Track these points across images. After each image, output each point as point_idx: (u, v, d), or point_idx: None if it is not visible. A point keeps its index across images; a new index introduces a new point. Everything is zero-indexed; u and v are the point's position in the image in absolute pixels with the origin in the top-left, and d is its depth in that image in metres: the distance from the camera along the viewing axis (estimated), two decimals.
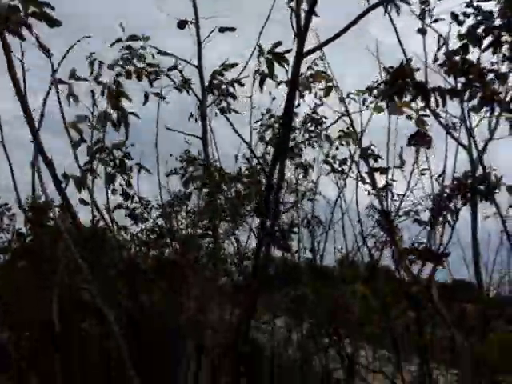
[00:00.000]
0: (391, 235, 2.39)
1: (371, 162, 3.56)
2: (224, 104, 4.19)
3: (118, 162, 3.35)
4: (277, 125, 4.83)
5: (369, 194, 4.34)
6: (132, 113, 2.74)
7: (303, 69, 4.69)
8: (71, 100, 2.59)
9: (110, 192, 3.63)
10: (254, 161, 4.56)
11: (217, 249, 3.23)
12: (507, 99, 2.94)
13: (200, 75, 3.94)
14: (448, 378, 4.20)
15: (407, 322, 3.43)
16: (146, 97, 3.13)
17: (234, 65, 4.08)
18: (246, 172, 4.66)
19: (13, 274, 6.99)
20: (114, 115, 2.69)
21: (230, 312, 4.76)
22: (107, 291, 3.00)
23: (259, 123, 5.08)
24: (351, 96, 4.16)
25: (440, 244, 3.23)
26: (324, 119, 4.78)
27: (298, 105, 4.68)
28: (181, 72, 3.74)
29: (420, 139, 2.76)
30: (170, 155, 5.50)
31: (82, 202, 2.88)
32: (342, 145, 4.20)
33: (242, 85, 4.09)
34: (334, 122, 4.09)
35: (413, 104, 2.93)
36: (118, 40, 3.36)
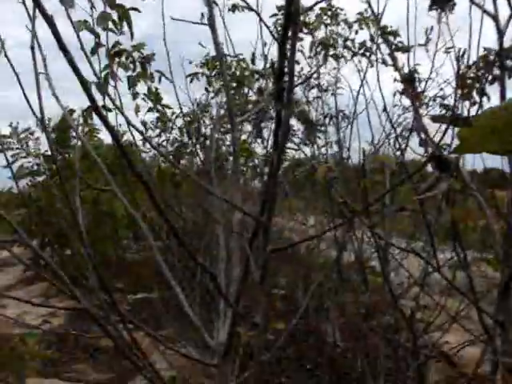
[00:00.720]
0: (415, 102, 2.27)
1: (391, 40, 3.38)
2: None
3: (138, 65, 3.20)
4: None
5: (395, 80, 4.18)
6: (132, 8, 2.59)
7: None
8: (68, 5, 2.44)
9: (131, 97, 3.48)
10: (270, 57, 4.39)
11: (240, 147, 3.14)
12: None
13: None
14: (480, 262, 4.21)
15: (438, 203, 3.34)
16: None
17: None
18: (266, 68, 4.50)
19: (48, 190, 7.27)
20: (115, 15, 2.55)
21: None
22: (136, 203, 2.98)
23: (274, 19, 4.88)
24: None
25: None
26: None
27: None
28: None
29: (441, 2, 2.58)
30: (190, 62, 5.38)
31: (104, 108, 2.78)
32: (362, 28, 4.00)
33: None
34: None
35: None
36: None
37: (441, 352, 1.69)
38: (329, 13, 4.44)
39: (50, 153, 8.72)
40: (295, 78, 5.72)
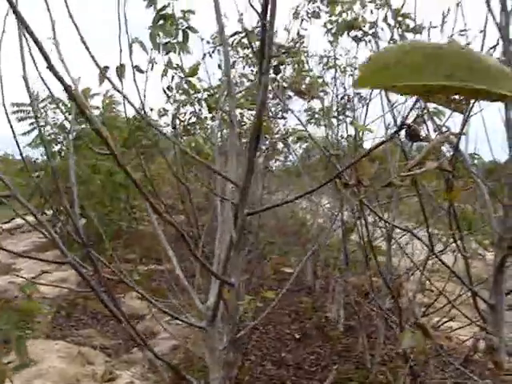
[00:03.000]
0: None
1: (403, 22, 3.36)
2: None
3: (182, 32, 3.18)
4: None
5: None
6: None
7: None
8: None
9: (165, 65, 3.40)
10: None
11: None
12: None
13: None
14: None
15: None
16: None
17: None
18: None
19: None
20: None
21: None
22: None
23: None
24: None
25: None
26: None
27: None
28: None
29: None
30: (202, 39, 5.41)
31: (138, 69, 2.77)
32: (377, 8, 3.98)
33: None
34: None
35: None
36: None
37: (418, 323, 1.73)
38: None
39: (69, 122, 8.88)
40: (308, 54, 5.72)
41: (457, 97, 0.53)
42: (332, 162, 4.29)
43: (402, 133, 1.17)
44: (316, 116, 6.03)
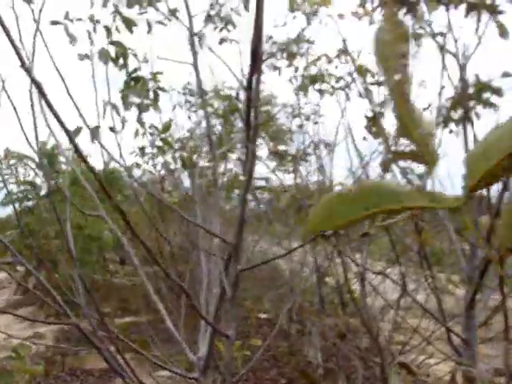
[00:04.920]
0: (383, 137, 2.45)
1: (368, 77, 3.59)
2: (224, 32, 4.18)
3: (152, 93, 3.32)
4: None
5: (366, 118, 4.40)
6: (130, 48, 2.78)
7: None
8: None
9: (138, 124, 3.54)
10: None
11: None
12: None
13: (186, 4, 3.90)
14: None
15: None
16: (150, 26, 3.08)
17: None
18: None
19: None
20: (113, 51, 2.73)
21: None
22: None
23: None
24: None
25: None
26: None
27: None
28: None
29: None
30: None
31: (112, 129, 2.91)
32: (342, 63, 4.21)
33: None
34: None
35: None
36: None
37: (401, 363, 1.84)
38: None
39: (40, 179, 8.92)
40: (277, 108, 5.97)
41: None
42: (304, 208, 4.45)
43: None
44: (283, 162, 6.25)
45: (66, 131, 1.35)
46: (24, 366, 2.03)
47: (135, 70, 3.14)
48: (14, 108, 2.07)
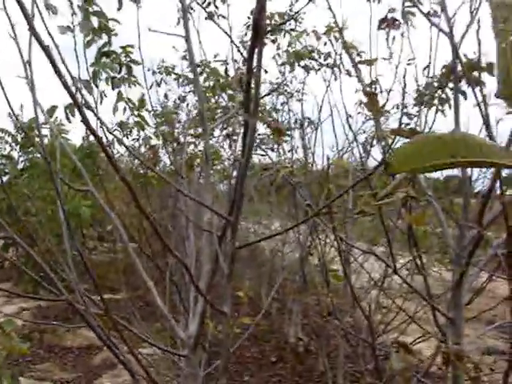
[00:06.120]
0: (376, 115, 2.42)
1: (355, 55, 3.55)
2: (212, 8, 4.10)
3: (124, 67, 3.23)
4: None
5: (356, 91, 4.35)
6: (112, 19, 2.69)
7: None
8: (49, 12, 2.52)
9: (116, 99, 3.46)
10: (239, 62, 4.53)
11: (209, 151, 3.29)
12: None
13: None
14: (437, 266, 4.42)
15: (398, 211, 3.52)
16: (120, 2, 2.97)
17: None
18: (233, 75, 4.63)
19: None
20: (95, 23, 2.64)
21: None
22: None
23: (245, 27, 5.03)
24: None
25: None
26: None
27: None
28: None
29: (389, 23, 2.79)
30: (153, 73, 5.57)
31: (87, 106, 2.83)
32: (330, 41, 4.14)
33: None
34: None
35: None
36: None
37: (399, 342, 1.84)
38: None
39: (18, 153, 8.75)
40: (264, 87, 5.89)
41: None
42: (292, 186, 4.42)
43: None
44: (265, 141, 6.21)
45: (74, 100, 1.28)
46: (10, 343, 1.97)
47: (105, 44, 3.03)
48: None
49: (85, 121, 1.22)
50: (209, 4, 4.02)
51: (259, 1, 1.20)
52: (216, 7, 4.11)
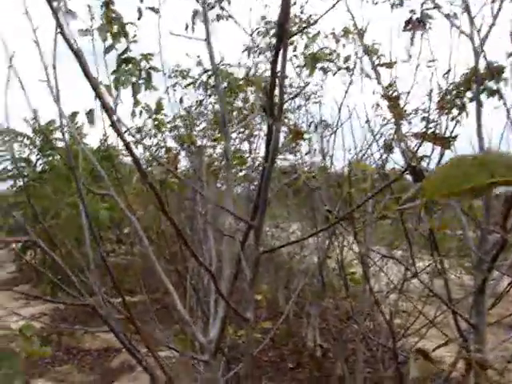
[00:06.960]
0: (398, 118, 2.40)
1: (374, 57, 3.53)
2: (219, 10, 4.09)
3: (145, 73, 3.24)
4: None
5: (373, 93, 4.32)
6: (130, 22, 2.70)
7: None
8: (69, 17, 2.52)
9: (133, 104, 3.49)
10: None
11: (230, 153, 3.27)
12: None
13: None
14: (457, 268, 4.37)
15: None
16: (140, 12, 2.99)
17: None
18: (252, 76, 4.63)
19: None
20: (115, 27, 2.65)
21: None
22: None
23: (257, 31, 5.03)
24: None
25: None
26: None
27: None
28: None
29: (414, 25, 2.77)
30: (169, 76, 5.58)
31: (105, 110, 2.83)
32: (350, 43, 4.13)
33: None
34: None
35: None
36: None
37: (419, 349, 1.81)
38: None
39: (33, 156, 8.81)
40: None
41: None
42: (311, 189, 4.39)
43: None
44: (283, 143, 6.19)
45: (104, 105, 1.28)
46: (30, 347, 1.97)
47: (125, 51, 3.04)
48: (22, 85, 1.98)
49: (113, 125, 1.22)
50: (222, 8, 4.01)
51: (283, 5, 1.19)
52: (229, 15, 4.10)
